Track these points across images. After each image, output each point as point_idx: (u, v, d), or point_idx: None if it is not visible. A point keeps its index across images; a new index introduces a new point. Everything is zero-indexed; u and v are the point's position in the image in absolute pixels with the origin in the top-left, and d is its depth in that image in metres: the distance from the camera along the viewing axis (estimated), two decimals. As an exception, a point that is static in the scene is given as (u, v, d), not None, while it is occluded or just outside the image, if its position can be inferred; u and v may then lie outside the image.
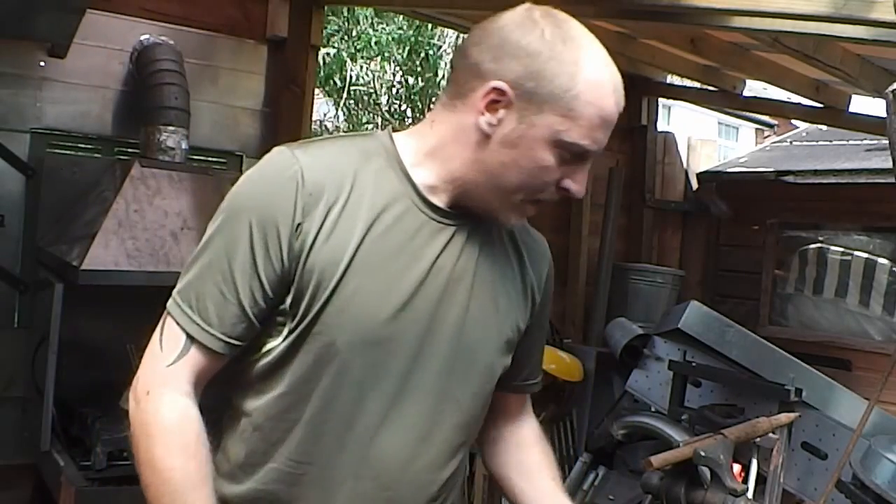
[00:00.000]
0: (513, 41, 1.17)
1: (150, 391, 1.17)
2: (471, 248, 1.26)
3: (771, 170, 5.77)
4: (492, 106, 1.17)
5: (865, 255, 5.51)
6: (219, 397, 1.29)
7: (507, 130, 1.17)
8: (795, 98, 5.16)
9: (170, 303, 1.21)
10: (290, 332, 1.19)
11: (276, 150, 1.21)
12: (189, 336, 1.18)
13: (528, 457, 1.48)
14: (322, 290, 1.16)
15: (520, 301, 1.34)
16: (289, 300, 1.18)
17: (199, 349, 1.18)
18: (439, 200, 1.24)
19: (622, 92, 1.22)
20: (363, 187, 1.19)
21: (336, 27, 9.85)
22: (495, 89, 1.16)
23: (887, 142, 2.34)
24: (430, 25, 9.31)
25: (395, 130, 1.30)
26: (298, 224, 1.15)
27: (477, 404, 1.31)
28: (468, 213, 1.25)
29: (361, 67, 10.40)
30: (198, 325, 1.18)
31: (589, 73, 1.18)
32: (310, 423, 1.20)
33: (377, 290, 1.18)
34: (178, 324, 1.19)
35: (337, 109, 10.94)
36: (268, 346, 1.21)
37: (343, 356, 1.18)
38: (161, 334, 1.20)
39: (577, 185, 1.21)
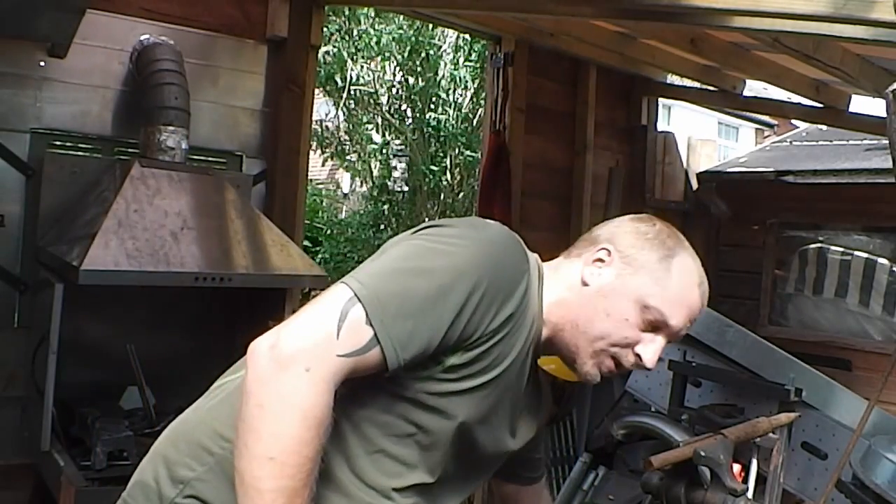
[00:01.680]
0: (628, 223, 1.43)
1: (312, 370, 1.12)
2: (534, 383, 1.45)
3: (771, 170, 5.77)
4: (597, 262, 1.39)
5: (865, 255, 5.51)
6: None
7: (604, 282, 1.37)
8: (795, 98, 5.17)
9: (362, 291, 1.19)
10: (430, 382, 1.25)
11: (510, 234, 1.34)
12: (378, 340, 1.17)
13: None
14: (481, 376, 1.27)
15: (524, 435, 1.50)
16: (452, 360, 1.24)
17: (376, 357, 1.17)
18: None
19: (707, 295, 1.43)
20: (530, 304, 1.32)
21: (336, 27, 9.85)
22: (604, 248, 1.39)
23: (887, 142, 2.34)
24: (430, 25, 9.31)
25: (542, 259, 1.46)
26: (514, 313, 1.27)
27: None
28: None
29: (362, 67, 10.40)
30: (391, 337, 1.17)
31: (682, 258, 1.40)
32: (383, 455, 1.27)
33: (497, 399, 1.33)
34: (370, 323, 1.17)
35: (337, 109, 10.94)
36: (400, 376, 1.24)
37: (454, 431, 1.29)
38: (342, 320, 1.16)
39: (649, 354, 1.39)
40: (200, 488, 1.24)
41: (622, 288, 1.36)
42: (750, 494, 2.96)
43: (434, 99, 10.29)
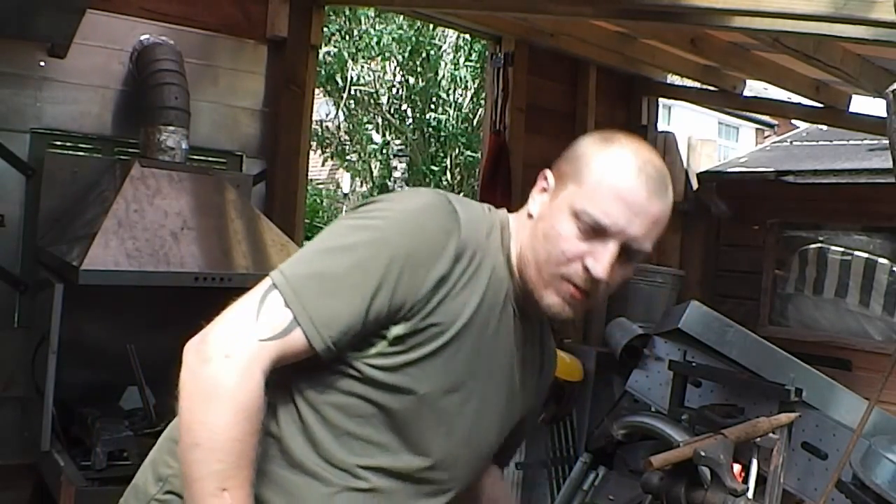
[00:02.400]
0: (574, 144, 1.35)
1: (232, 356, 1.15)
2: (525, 346, 1.40)
3: (771, 170, 5.77)
4: (540, 192, 1.34)
5: (865, 255, 5.51)
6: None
7: (543, 207, 1.31)
8: (795, 98, 5.17)
9: (280, 279, 1.20)
10: (382, 357, 1.23)
11: (436, 196, 1.29)
12: (297, 322, 1.18)
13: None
14: (431, 343, 1.24)
15: (528, 399, 1.47)
16: (396, 332, 1.23)
17: (299, 340, 1.18)
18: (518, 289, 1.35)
19: (658, 183, 1.28)
20: (486, 260, 1.29)
21: (336, 27, 9.85)
22: (543, 176, 1.33)
23: (887, 142, 2.34)
24: (430, 25, 9.31)
25: (509, 211, 1.41)
26: (444, 275, 1.23)
27: (472, 479, 1.45)
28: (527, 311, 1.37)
29: (362, 67, 10.40)
30: (310, 317, 1.18)
31: (612, 151, 1.29)
32: (358, 441, 1.26)
33: (466, 361, 1.28)
34: (288, 306, 1.18)
35: (337, 109, 10.94)
36: (354, 362, 1.24)
37: (419, 405, 1.26)
38: (261, 304, 1.19)
39: (597, 262, 1.25)
40: (177, 484, 1.26)
41: (554, 204, 1.29)
42: (750, 494, 2.96)
43: (434, 99, 10.29)
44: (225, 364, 1.14)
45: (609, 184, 1.25)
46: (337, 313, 1.19)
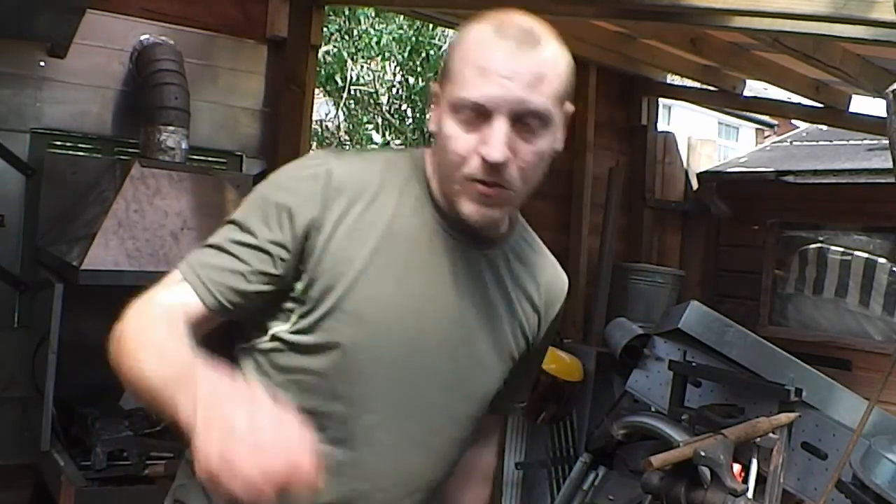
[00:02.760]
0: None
1: (133, 307, 1.19)
2: (486, 272, 1.29)
3: (771, 170, 5.77)
4: (432, 109, 1.25)
5: (865, 255, 5.51)
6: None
7: (435, 120, 1.22)
8: (795, 98, 5.17)
9: (182, 262, 1.24)
10: (300, 319, 1.21)
11: (312, 153, 1.29)
12: (185, 279, 1.20)
13: (463, 496, 1.49)
14: (333, 289, 1.19)
15: (518, 331, 1.35)
16: (299, 288, 1.20)
17: (190, 292, 1.20)
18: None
19: (528, 34, 1.15)
20: (388, 196, 1.23)
21: (336, 27, 9.85)
22: (434, 91, 1.24)
23: (887, 142, 2.34)
24: (430, 25, 9.31)
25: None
26: (316, 216, 1.19)
27: (472, 426, 1.34)
28: (489, 237, 1.28)
29: (362, 67, 10.41)
30: (198, 275, 1.20)
31: (470, 33, 1.18)
32: (311, 417, 1.18)
33: (387, 299, 1.21)
34: (180, 272, 1.22)
35: (337, 109, 10.94)
36: (274, 330, 1.23)
37: (347, 358, 1.20)
38: (161, 282, 1.23)
39: (488, 147, 1.14)
40: (181, 494, 1.31)
41: (439, 112, 1.20)
42: (750, 494, 2.96)
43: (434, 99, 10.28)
44: (128, 312, 1.20)
45: (471, 61, 1.15)
46: (221, 271, 1.20)
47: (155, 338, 1.14)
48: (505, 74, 1.13)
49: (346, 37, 10.10)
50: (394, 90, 10.67)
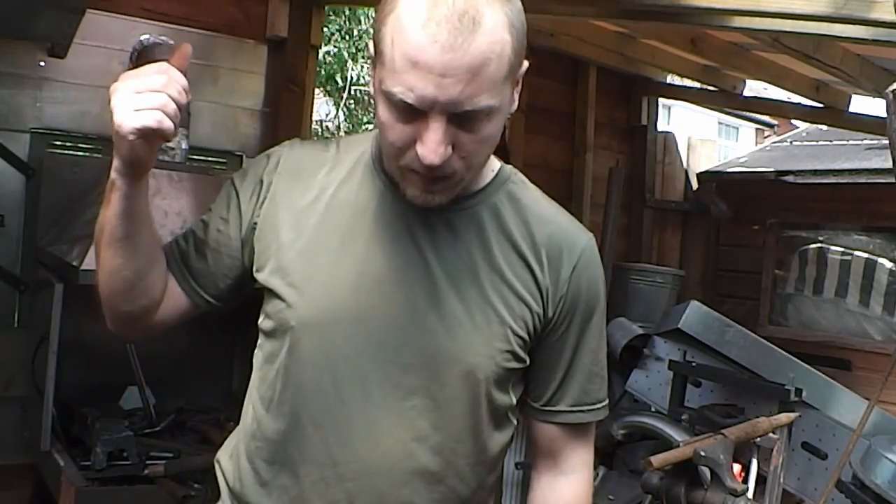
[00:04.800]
0: None
1: None
2: (448, 237, 1.16)
3: (771, 170, 5.78)
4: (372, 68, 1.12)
5: (865, 255, 5.52)
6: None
7: (372, 87, 1.12)
8: (795, 98, 5.17)
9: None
10: (264, 304, 1.22)
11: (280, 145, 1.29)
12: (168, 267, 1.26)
13: None
14: (280, 261, 1.18)
15: (518, 303, 1.17)
16: (257, 267, 1.22)
17: (176, 286, 1.27)
18: None
19: (461, 22, 0.98)
20: (337, 172, 1.21)
21: (336, 27, 9.85)
22: (369, 55, 1.16)
23: (887, 142, 2.34)
24: (430, 25, 9.31)
25: None
26: (267, 182, 1.22)
27: (460, 408, 1.16)
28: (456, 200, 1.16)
29: (362, 67, 10.40)
30: (179, 267, 1.27)
31: (400, 12, 1.02)
32: (275, 403, 1.19)
33: (324, 272, 1.15)
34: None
35: (337, 109, 10.94)
36: (258, 322, 1.25)
37: (295, 334, 1.15)
38: None
39: (422, 147, 1.03)
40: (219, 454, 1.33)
41: (374, 85, 1.10)
42: (750, 494, 2.96)
43: (434, 99, 10.28)
44: None
45: (401, 52, 1.00)
46: (196, 260, 1.26)
47: None
48: (438, 72, 0.99)
49: (346, 37, 10.10)
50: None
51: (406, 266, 1.14)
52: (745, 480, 3.10)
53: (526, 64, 1.15)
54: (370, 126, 11.18)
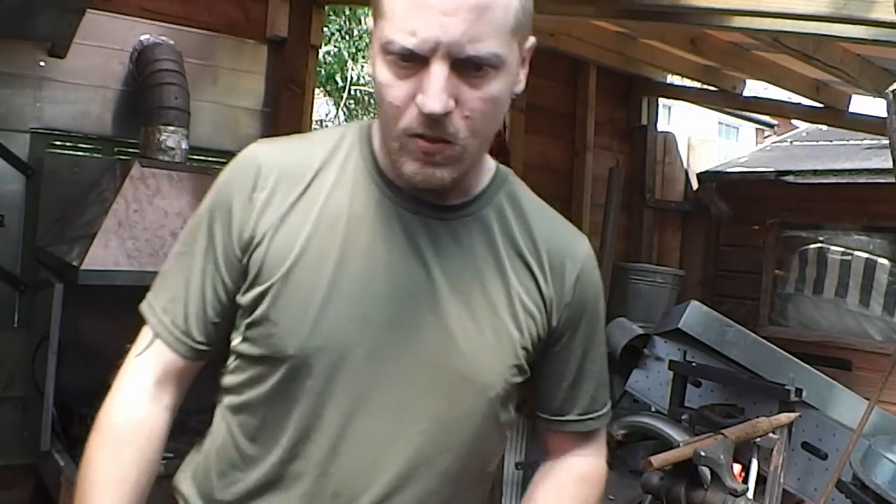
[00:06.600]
0: None
1: (115, 383, 1.15)
2: (452, 246, 1.09)
3: (771, 170, 5.78)
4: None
5: (865, 255, 5.52)
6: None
7: (372, 63, 1.04)
8: (795, 98, 5.17)
9: (147, 297, 1.18)
10: (247, 329, 1.09)
11: (247, 147, 1.15)
12: (155, 333, 1.14)
13: (548, 491, 1.22)
14: (269, 283, 1.06)
15: (524, 315, 1.12)
16: (243, 290, 1.09)
17: (164, 347, 1.14)
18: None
19: None
20: (326, 176, 1.10)
21: (336, 27, 9.85)
22: (370, 28, 1.05)
23: (887, 142, 2.34)
24: (430, 25, 9.31)
25: None
26: (252, 198, 1.08)
27: (468, 428, 1.10)
28: (452, 204, 1.10)
29: (362, 67, 10.40)
30: (164, 324, 1.14)
31: None
32: (266, 432, 1.09)
33: (332, 291, 1.05)
34: (148, 320, 1.16)
35: (337, 109, 10.94)
36: (232, 345, 1.13)
37: (293, 363, 1.05)
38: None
39: (424, 96, 0.96)
40: (178, 480, 1.26)
41: (371, 52, 1.04)
42: (750, 494, 2.96)
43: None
44: (108, 394, 1.14)
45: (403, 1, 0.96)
46: (187, 307, 1.12)
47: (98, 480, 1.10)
48: (441, 11, 0.94)
49: (346, 37, 10.11)
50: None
51: (410, 282, 1.07)
52: (745, 480, 3.10)
53: (532, 39, 1.10)
54: (370, 126, 11.18)
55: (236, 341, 1.12)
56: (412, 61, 0.96)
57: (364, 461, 1.06)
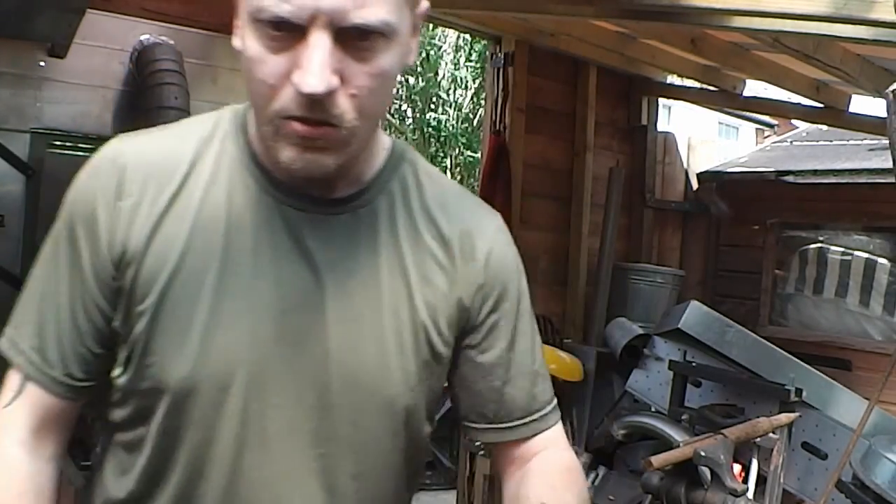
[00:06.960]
0: None
1: None
2: (346, 244, 0.96)
3: (771, 170, 5.78)
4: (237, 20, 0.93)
5: (865, 255, 5.52)
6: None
7: (238, 35, 0.94)
8: (795, 98, 5.17)
9: (6, 333, 0.98)
10: (125, 359, 0.95)
11: (108, 142, 1.01)
12: (25, 375, 0.96)
13: (528, 482, 1.04)
14: (143, 305, 0.92)
15: (432, 311, 0.99)
16: (117, 314, 0.95)
17: (38, 390, 0.96)
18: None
19: None
20: (202, 170, 0.96)
21: (336, 27, 9.85)
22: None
23: (887, 142, 2.34)
24: (430, 25, 9.30)
25: None
26: (118, 206, 0.94)
27: (378, 450, 0.98)
28: (340, 197, 0.97)
29: (361, 67, 10.41)
30: (34, 364, 0.96)
31: None
32: (148, 474, 0.97)
33: (215, 310, 0.92)
34: (12, 361, 0.97)
35: (337, 109, 10.94)
36: (112, 375, 0.97)
37: (175, 396, 0.92)
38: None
39: (301, 72, 0.83)
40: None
41: (240, 25, 0.93)
42: (750, 494, 2.96)
43: (434, 99, 10.30)
44: None
45: None
46: (59, 342, 0.95)
47: None
48: None
49: (346, 37, 10.11)
50: (393, 90, 10.67)
51: (298, 290, 0.93)
52: (746, 480, 3.10)
53: (425, 4, 0.94)
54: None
55: (116, 372, 0.97)
56: (286, 31, 0.83)
57: (266, 498, 0.94)
